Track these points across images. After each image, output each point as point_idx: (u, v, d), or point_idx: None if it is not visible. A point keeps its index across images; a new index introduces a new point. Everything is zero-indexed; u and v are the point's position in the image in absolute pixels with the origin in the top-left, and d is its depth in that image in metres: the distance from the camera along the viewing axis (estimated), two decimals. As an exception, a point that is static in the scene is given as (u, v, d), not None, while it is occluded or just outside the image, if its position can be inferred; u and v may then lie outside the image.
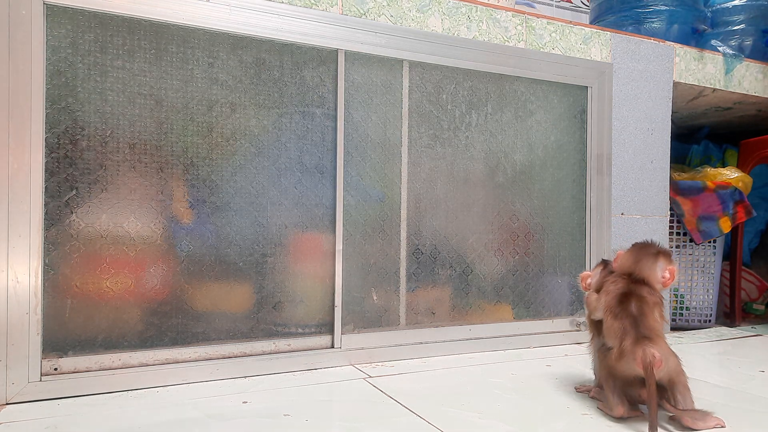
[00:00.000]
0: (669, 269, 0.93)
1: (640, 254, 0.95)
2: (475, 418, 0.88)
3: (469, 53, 1.33)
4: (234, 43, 1.11)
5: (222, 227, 1.10)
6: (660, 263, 0.93)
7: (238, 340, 1.11)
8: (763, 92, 1.76)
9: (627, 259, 0.96)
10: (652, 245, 0.96)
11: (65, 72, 0.99)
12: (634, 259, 0.94)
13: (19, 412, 0.89)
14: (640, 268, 0.93)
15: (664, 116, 1.60)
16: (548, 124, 1.44)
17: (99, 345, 1.01)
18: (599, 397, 0.97)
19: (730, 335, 1.61)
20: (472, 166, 1.35)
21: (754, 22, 1.82)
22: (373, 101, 1.24)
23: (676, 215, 1.68)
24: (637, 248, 0.96)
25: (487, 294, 1.37)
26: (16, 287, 0.94)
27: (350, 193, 1.22)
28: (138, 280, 1.04)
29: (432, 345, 1.28)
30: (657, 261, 0.93)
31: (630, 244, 0.99)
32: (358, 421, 0.86)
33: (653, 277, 0.92)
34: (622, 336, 0.87)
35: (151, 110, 1.05)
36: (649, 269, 0.93)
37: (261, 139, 1.14)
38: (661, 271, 0.93)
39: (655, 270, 0.93)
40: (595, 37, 1.50)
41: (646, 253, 0.94)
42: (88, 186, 1.00)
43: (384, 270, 1.25)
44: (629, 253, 0.96)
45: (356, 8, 1.22)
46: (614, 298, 0.91)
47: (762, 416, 0.92)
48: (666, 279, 0.93)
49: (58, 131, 0.98)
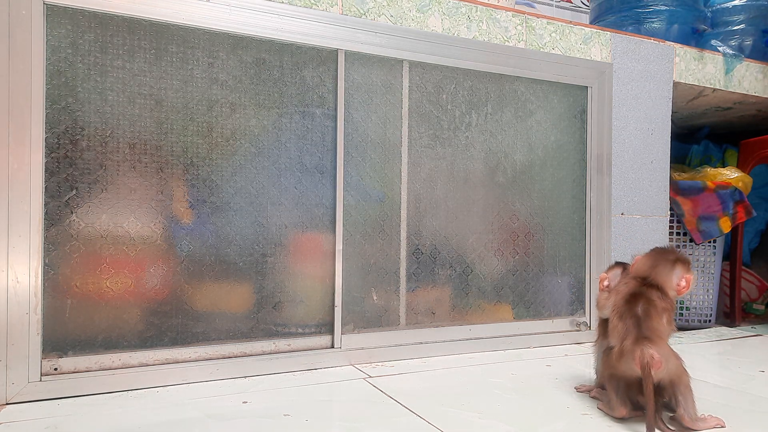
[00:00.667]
0: (686, 277, 0.93)
1: (658, 259, 0.94)
2: (475, 418, 0.88)
3: (469, 53, 1.33)
4: (234, 43, 1.11)
5: (222, 227, 1.10)
6: (677, 270, 0.93)
7: (238, 340, 1.11)
8: (763, 92, 1.76)
9: (644, 263, 0.95)
10: (672, 252, 0.96)
11: (65, 72, 0.99)
12: (652, 264, 0.94)
13: (19, 412, 0.89)
14: (657, 273, 0.93)
15: (664, 116, 1.60)
16: (548, 124, 1.44)
17: (99, 345, 1.01)
18: (600, 397, 0.97)
19: (730, 335, 1.61)
20: (472, 166, 1.35)
21: (754, 22, 1.82)
22: (373, 101, 1.24)
23: (676, 215, 1.68)
24: (656, 253, 0.96)
25: (487, 294, 1.37)
26: (16, 287, 0.94)
27: (350, 193, 1.22)
28: (138, 280, 1.04)
29: (432, 345, 1.28)
30: (674, 268, 0.93)
31: (630, 245, 0.99)
32: (358, 421, 0.86)
33: (668, 283, 0.92)
34: (624, 335, 0.87)
35: (151, 110, 1.05)
36: (666, 275, 0.92)
37: (261, 139, 1.14)
38: (677, 279, 0.92)
39: (671, 277, 0.92)
40: (595, 37, 1.50)
41: (664, 258, 0.94)
42: (88, 186, 1.00)
43: (384, 270, 1.25)
44: (647, 257, 0.96)
45: (356, 8, 1.22)
46: (623, 298, 0.91)
47: (762, 416, 0.92)
48: (681, 287, 0.92)
49: (58, 131, 0.98)
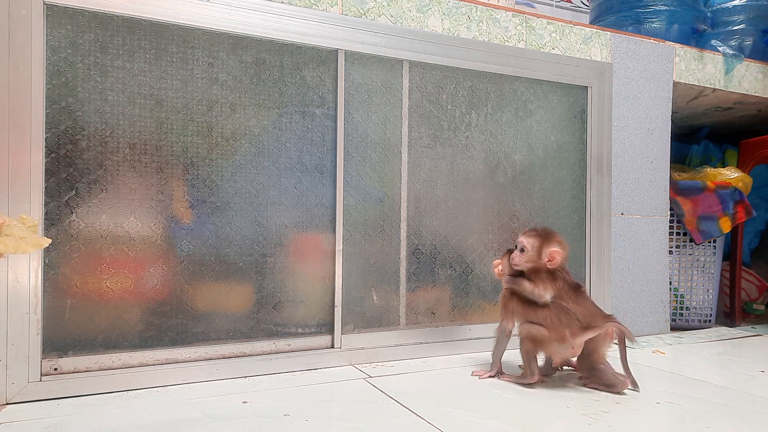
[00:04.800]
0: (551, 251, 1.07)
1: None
2: (475, 418, 0.88)
3: (469, 53, 1.33)
4: (234, 43, 1.11)
5: (222, 227, 1.10)
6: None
7: (238, 340, 1.11)
8: (763, 92, 1.76)
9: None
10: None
11: (65, 72, 0.99)
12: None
13: (19, 412, 0.89)
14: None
15: (664, 116, 1.60)
16: (548, 124, 1.44)
17: (99, 345, 1.01)
18: (510, 377, 1.10)
19: (730, 335, 1.61)
20: (472, 166, 1.35)
21: (754, 22, 1.82)
22: (373, 101, 1.24)
23: (676, 215, 1.68)
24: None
25: (487, 294, 1.37)
26: (16, 287, 0.94)
27: (350, 193, 1.22)
28: (138, 280, 1.04)
29: (432, 345, 1.28)
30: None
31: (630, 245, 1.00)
32: (358, 421, 0.86)
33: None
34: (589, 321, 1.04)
35: (151, 110, 1.05)
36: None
37: (261, 139, 1.14)
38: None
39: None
40: (595, 37, 1.50)
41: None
42: (88, 186, 1.00)
43: (384, 270, 1.25)
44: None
45: (356, 8, 1.22)
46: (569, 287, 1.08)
47: (762, 416, 0.92)
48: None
49: (58, 131, 0.98)
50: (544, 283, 1.04)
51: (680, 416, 0.91)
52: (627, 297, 1.52)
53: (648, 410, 0.93)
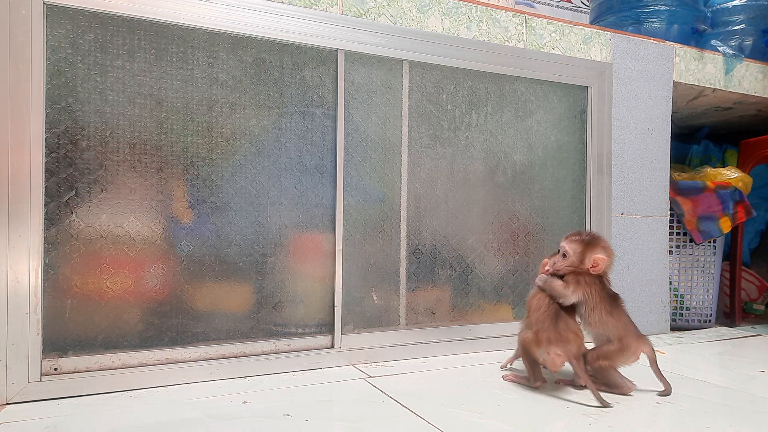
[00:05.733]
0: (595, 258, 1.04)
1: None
2: (475, 418, 0.88)
3: (469, 53, 1.33)
4: (234, 43, 1.11)
5: (222, 227, 1.10)
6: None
7: (238, 340, 1.11)
8: (763, 92, 1.76)
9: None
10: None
11: (65, 72, 0.99)
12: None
13: (19, 412, 0.89)
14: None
15: (664, 116, 1.60)
16: (548, 124, 1.44)
17: (99, 345, 1.01)
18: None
19: (730, 335, 1.61)
20: (472, 166, 1.35)
21: (754, 22, 1.82)
22: (373, 101, 1.24)
23: (676, 215, 1.68)
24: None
25: (487, 294, 1.37)
26: (16, 287, 0.94)
27: (350, 193, 1.22)
28: (138, 280, 1.04)
29: (432, 345, 1.28)
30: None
31: (630, 245, 1.00)
32: (358, 421, 0.86)
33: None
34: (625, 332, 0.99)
35: (151, 110, 1.05)
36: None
37: (261, 139, 1.14)
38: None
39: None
40: (595, 37, 1.50)
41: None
42: (88, 186, 1.00)
43: (384, 270, 1.25)
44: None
45: (356, 8, 1.22)
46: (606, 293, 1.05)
47: (762, 416, 0.92)
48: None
49: (58, 131, 0.98)
50: (574, 285, 1.01)
51: (680, 416, 0.91)
52: (627, 297, 1.52)
53: (648, 410, 0.93)
